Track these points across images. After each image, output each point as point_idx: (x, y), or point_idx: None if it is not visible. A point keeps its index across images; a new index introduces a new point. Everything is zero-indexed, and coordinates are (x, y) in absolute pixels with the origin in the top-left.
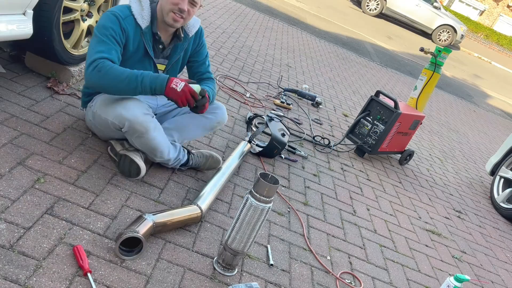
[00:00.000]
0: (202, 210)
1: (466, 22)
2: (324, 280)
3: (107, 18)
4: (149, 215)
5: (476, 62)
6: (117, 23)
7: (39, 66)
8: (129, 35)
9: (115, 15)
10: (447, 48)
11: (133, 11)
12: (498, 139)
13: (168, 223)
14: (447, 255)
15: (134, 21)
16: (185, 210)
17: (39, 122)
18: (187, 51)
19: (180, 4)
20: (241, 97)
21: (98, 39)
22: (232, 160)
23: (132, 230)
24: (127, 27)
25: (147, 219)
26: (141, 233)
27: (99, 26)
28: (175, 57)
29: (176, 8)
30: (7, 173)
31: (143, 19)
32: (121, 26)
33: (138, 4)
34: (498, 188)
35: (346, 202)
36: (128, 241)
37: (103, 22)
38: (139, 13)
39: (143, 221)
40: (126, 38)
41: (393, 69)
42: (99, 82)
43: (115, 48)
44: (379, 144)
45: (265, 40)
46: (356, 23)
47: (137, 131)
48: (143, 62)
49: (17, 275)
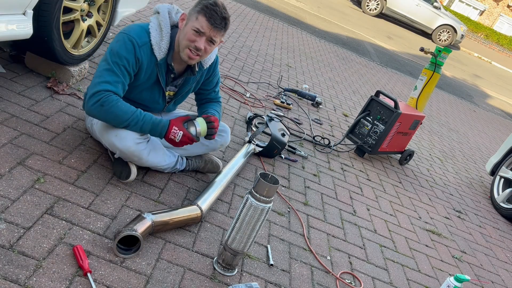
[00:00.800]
0: (202, 210)
1: (466, 22)
2: (324, 280)
3: (123, 45)
4: (148, 214)
5: (476, 62)
6: (132, 52)
7: (39, 66)
8: (143, 64)
9: (132, 42)
10: (447, 48)
11: (151, 40)
12: (498, 139)
13: (168, 222)
14: (447, 255)
15: (150, 49)
16: (185, 210)
17: (39, 122)
18: (199, 82)
19: (196, 42)
20: (241, 97)
21: (109, 67)
22: (235, 161)
23: (130, 228)
24: (142, 57)
25: (146, 218)
26: (139, 232)
27: (113, 51)
28: (186, 88)
29: (193, 46)
30: (7, 173)
31: (160, 50)
32: (136, 56)
33: (158, 33)
34: (498, 188)
35: (346, 202)
36: (127, 240)
37: (117, 49)
38: (157, 43)
39: (142, 220)
40: (139, 68)
41: (393, 69)
42: (100, 116)
43: (123, 80)
44: (379, 144)
45: (265, 40)
46: (356, 23)
47: (130, 158)
48: (153, 90)
49: (17, 275)
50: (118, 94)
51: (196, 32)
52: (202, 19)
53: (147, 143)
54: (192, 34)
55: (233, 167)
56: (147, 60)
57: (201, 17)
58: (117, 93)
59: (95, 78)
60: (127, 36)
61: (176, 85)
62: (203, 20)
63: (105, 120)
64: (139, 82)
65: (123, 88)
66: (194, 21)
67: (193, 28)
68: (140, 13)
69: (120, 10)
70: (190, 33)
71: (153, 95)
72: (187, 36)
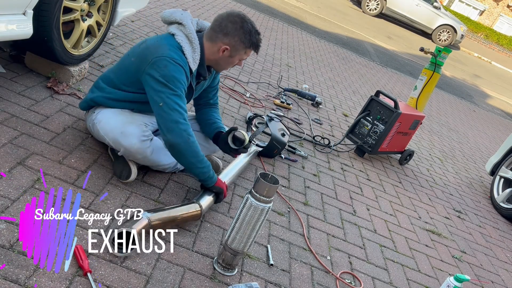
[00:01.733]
0: (202, 207)
1: (466, 22)
2: (324, 280)
3: (175, 69)
4: (144, 213)
5: (476, 62)
6: (184, 74)
7: (39, 66)
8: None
9: (180, 65)
10: (447, 48)
11: (186, 54)
12: (498, 139)
13: (166, 220)
14: (447, 255)
15: (188, 64)
16: (184, 208)
17: (39, 122)
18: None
19: (240, 64)
20: (241, 97)
21: (175, 92)
22: (238, 162)
23: (125, 226)
24: (188, 74)
25: (142, 217)
26: (135, 230)
27: (169, 77)
28: (201, 89)
29: (241, 63)
30: (7, 173)
31: (195, 63)
32: (186, 75)
33: (189, 46)
34: (498, 188)
35: (346, 202)
36: (125, 239)
37: (172, 73)
38: (192, 56)
39: (138, 218)
40: None
41: (393, 69)
42: (180, 145)
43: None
44: (379, 144)
45: (265, 40)
46: (356, 23)
47: (133, 156)
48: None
49: (17, 275)
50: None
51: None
52: (250, 52)
53: (151, 141)
54: (238, 62)
55: (235, 167)
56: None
57: (250, 51)
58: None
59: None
60: (171, 59)
61: None
62: (251, 52)
63: (181, 151)
64: None
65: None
66: (242, 54)
67: (241, 59)
68: (140, 13)
69: (120, 10)
70: (236, 61)
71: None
72: (233, 63)
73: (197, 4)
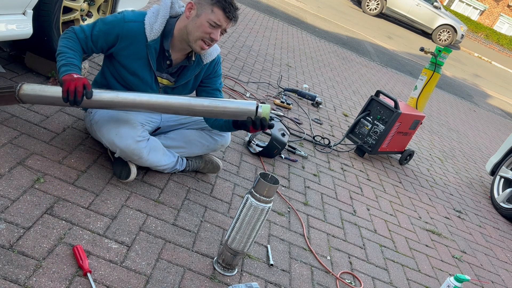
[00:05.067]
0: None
1: (466, 22)
2: (324, 280)
3: (112, 17)
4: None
5: (476, 62)
6: (113, 27)
7: (39, 66)
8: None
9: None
10: (447, 48)
11: (145, 20)
12: (498, 139)
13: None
14: (447, 255)
15: (142, 29)
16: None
17: (39, 122)
18: (199, 76)
19: (213, 34)
20: (241, 97)
21: (89, 27)
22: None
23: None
24: (128, 32)
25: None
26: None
27: (103, 19)
28: (184, 79)
29: (208, 37)
30: (7, 173)
31: (152, 32)
32: (117, 31)
33: (154, 16)
34: (498, 188)
35: (346, 202)
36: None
37: (107, 17)
38: (150, 24)
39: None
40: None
41: (393, 69)
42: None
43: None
44: (379, 144)
45: (265, 40)
46: (356, 23)
47: (129, 157)
48: (143, 70)
49: (17, 275)
50: (77, 34)
51: (212, 25)
52: (218, 12)
53: (147, 141)
54: (207, 27)
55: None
56: (133, 37)
57: (217, 10)
58: (77, 33)
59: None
60: (122, 12)
61: (172, 73)
62: (220, 13)
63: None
64: (125, 59)
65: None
66: (209, 13)
67: (209, 21)
68: None
69: (120, 10)
70: (205, 25)
71: (144, 78)
72: (202, 28)
73: None
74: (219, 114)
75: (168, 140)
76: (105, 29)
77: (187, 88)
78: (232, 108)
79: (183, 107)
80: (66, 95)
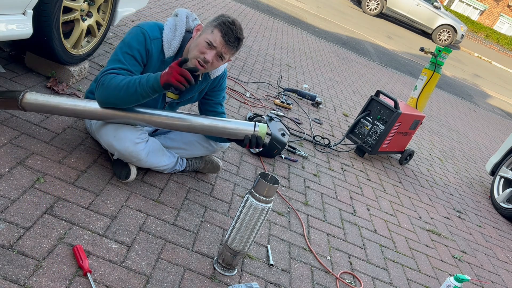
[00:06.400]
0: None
1: (466, 22)
2: (324, 280)
3: (135, 37)
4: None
5: (476, 62)
6: (143, 44)
7: (39, 66)
8: (152, 57)
9: (144, 35)
10: (447, 48)
11: (163, 37)
12: (498, 139)
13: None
14: (447, 255)
15: (161, 46)
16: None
17: (39, 122)
18: (203, 91)
19: (206, 54)
20: (241, 97)
21: (117, 57)
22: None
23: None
24: (152, 49)
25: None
26: None
27: (124, 43)
28: (188, 95)
29: (202, 57)
30: (7, 173)
31: (170, 49)
32: (146, 47)
33: (171, 32)
34: (498, 188)
35: (346, 202)
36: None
37: (129, 40)
38: (169, 41)
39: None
40: (148, 60)
41: (393, 69)
42: (104, 96)
43: (128, 67)
44: (379, 144)
45: (265, 40)
46: (356, 23)
47: (128, 159)
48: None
49: (17, 275)
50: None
51: (208, 44)
52: (217, 34)
53: (146, 143)
54: (204, 46)
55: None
56: (156, 54)
57: (216, 32)
58: (120, 73)
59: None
60: (140, 29)
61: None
62: (218, 35)
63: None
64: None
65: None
66: (209, 33)
67: (206, 40)
68: (140, 13)
69: (120, 10)
70: (202, 44)
71: None
72: (199, 47)
73: (197, 4)
74: (218, 133)
75: (168, 141)
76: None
77: (191, 101)
78: (231, 128)
79: (184, 126)
80: (181, 85)
